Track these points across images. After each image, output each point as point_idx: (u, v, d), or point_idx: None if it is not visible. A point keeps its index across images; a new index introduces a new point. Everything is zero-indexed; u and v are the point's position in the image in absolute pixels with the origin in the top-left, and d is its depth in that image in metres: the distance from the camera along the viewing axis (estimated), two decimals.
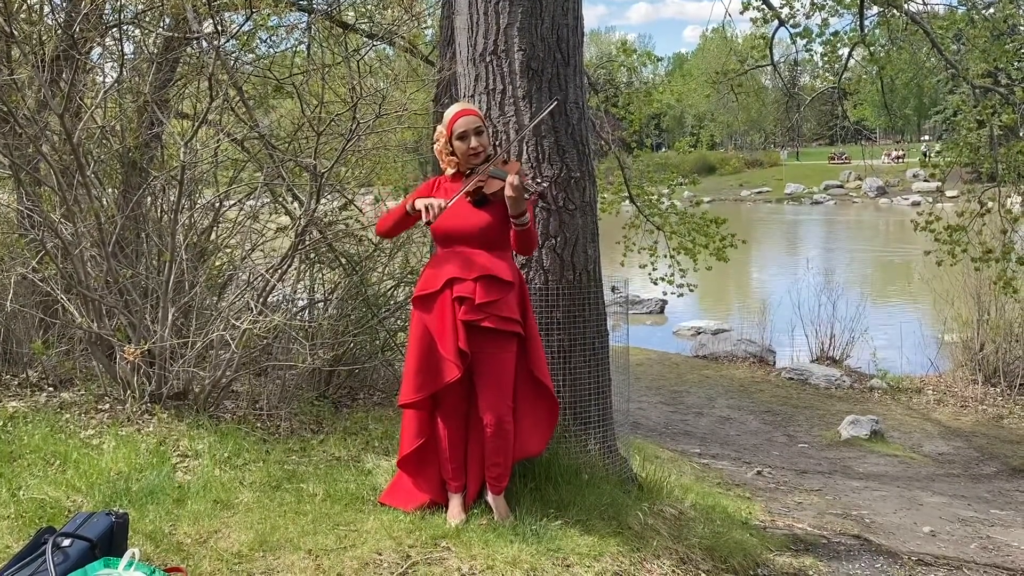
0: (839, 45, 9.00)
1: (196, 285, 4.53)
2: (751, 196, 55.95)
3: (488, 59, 3.92)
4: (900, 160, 56.93)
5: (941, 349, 11.80)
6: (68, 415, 4.13)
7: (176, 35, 5.19)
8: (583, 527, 3.33)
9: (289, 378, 4.80)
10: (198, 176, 5.04)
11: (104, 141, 5.07)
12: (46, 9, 4.86)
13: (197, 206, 5.05)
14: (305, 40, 6.93)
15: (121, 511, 2.74)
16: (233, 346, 4.19)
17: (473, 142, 3.41)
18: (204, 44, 4.95)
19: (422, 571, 2.90)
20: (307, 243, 4.87)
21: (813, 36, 8.68)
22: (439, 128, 3.52)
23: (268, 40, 6.15)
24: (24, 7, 4.86)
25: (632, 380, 8.35)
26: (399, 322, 5.50)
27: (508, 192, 3.23)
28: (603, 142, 9.59)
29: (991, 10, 8.63)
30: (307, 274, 5.54)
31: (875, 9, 8.77)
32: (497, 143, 3.84)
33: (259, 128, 4.91)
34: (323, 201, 4.97)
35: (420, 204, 3.29)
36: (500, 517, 3.32)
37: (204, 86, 4.87)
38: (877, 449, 8.47)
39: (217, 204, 5.18)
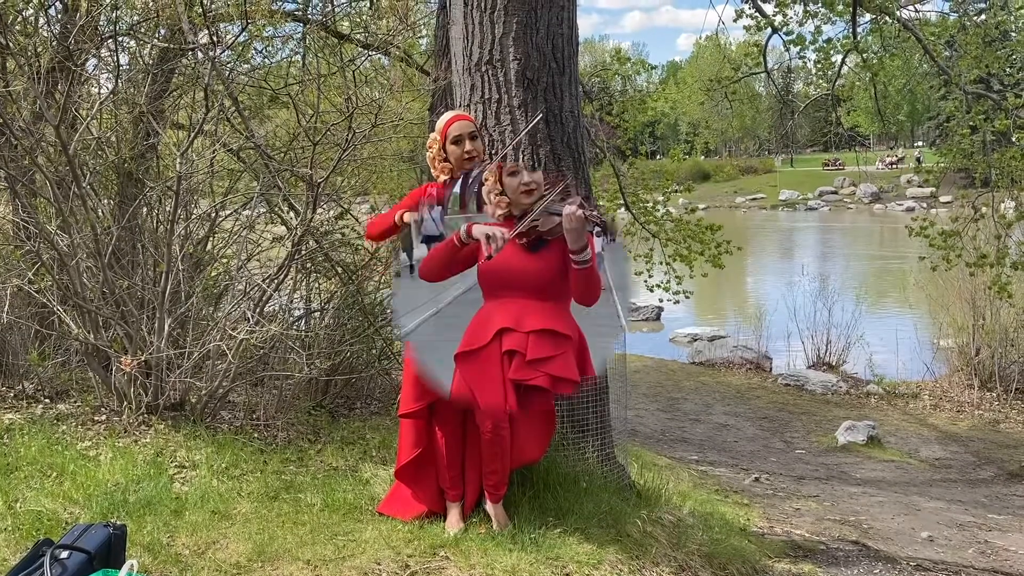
0: (832, 52, 9.04)
1: (192, 295, 4.53)
2: (746, 203, 56.03)
3: (484, 69, 3.94)
4: (894, 166, 57.04)
5: (937, 354, 11.82)
6: (65, 427, 4.12)
7: (171, 46, 5.20)
8: (582, 535, 3.32)
9: (286, 388, 4.80)
10: (194, 186, 5.03)
11: (100, 152, 5.07)
12: (41, 21, 4.87)
13: (193, 216, 5.05)
14: (300, 50, 6.97)
15: (119, 522, 2.73)
16: (230, 356, 4.18)
17: (467, 146, 3.43)
18: (200, 55, 4.95)
19: None
20: (303, 253, 4.87)
21: (806, 43, 8.71)
22: (432, 135, 3.54)
23: (263, 51, 6.19)
24: (19, 19, 4.87)
25: (629, 387, 8.35)
26: (396, 331, 5.49)
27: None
28: (598, 150, 9.61)
29: (982, 17, 8.69)
30: (303, 284, 5.53)
31: (868, 16, 8.81)
32: (493, 151, 3.86)
33: (255, 138, 4.91)
34: (319, 211, 4.97)
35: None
36: (499, 525, 3.31)
37: (200, 97, 4.88)
38: (874, 455, 8.47)
39: (213, 214, 5.18)
